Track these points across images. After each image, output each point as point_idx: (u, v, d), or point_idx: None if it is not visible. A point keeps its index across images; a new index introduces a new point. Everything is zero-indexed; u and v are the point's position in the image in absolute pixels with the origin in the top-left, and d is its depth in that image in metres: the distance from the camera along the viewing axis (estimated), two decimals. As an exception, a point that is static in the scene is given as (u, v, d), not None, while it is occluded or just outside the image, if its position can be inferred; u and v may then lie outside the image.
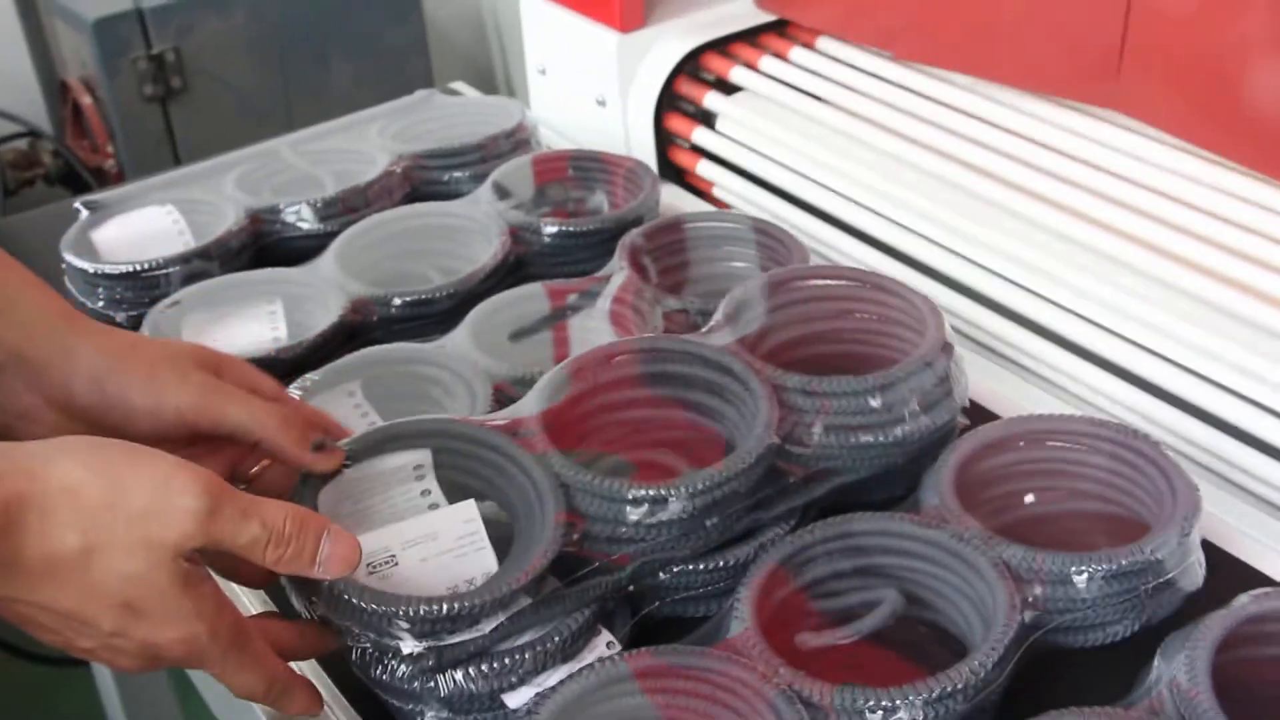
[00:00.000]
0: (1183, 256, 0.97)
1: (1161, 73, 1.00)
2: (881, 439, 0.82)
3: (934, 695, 0.69)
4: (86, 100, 2.18)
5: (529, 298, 1.02)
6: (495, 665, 0.74)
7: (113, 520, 0.65)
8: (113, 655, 0.68)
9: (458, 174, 1.21)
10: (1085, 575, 0.75)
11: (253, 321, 1.05)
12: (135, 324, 1.04)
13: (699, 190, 1.33)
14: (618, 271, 1.02)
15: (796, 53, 1.31)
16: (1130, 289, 0.97)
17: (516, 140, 1.25)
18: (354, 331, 1.03)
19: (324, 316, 1.02)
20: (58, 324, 0.79)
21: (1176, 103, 1.00)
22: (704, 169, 1.30)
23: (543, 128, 1.31)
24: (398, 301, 1.03)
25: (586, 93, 1.37)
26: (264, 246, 1.15)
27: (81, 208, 1.17)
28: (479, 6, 2.04)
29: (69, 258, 1.11)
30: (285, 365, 0.98)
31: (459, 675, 0.74)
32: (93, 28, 2.05)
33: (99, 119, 2.18)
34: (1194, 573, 0.78)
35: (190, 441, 0.79)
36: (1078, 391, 1.01)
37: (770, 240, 1.04)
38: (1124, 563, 0.75)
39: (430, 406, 0.93)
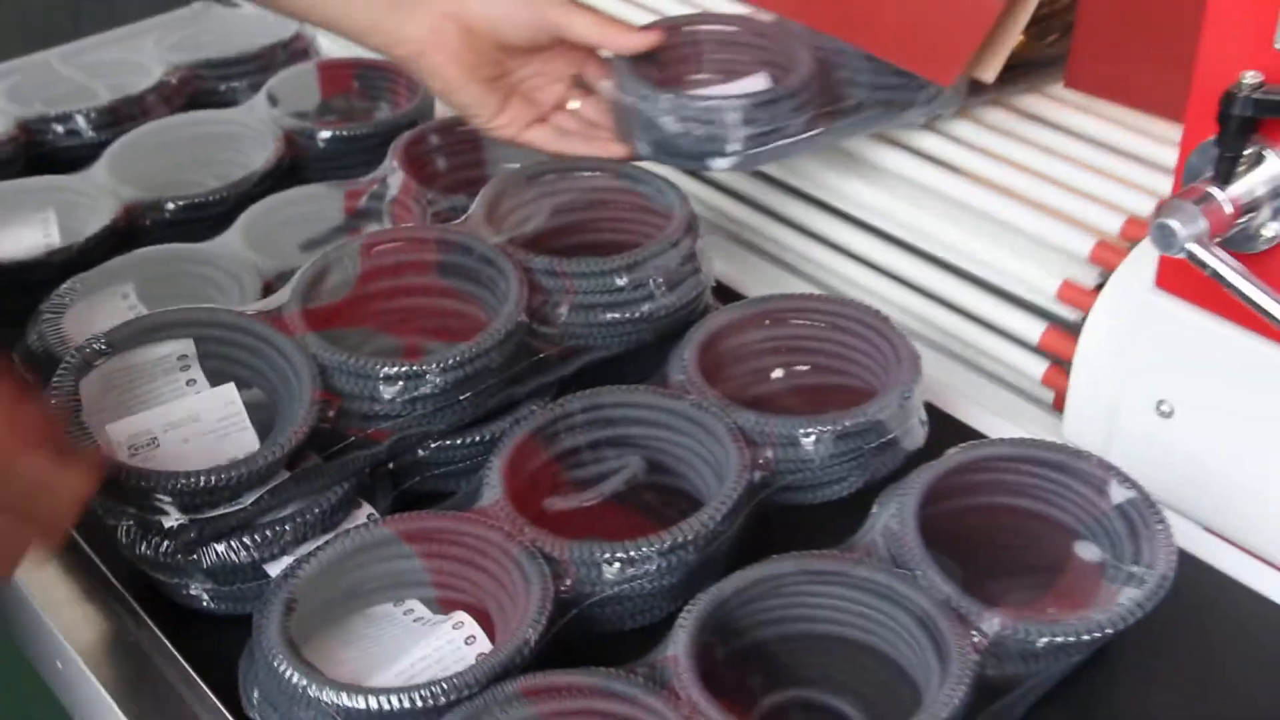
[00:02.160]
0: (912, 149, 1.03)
1: None
2: (628, 315, 0.87)
3: (665, 546, 0.74)
4: None
5: (302, 199, 1.04)
6: (257, 538, 0.77)
7: None
8: None
9: (235, 84, 1.23)
10: (812, 437, 0.81)
11: (24, 227, 1.05)
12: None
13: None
14: (390, 173, 1.04)
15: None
16: (866, 182, 1.03)
17: (293, 50, 1.26)
18: (129, 236, 1.04)
19: (97, 221, 1.03)
20: None
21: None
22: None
23: (322, 38, 1.32)
24: (170, 206, 1.05)
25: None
26: (37, 156, 1.15)
27: None
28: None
29: None
30: (56, 268, 0.99)
31: (221, 548, 0.77)
32: None
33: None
34: (916, 433, 0.85)
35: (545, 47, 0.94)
36: (817, 275, 1.07)
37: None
38: (848, 424, 0.81)
39: (202, 303, 0.95)
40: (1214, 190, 0.75)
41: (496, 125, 0.96)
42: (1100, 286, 0.90)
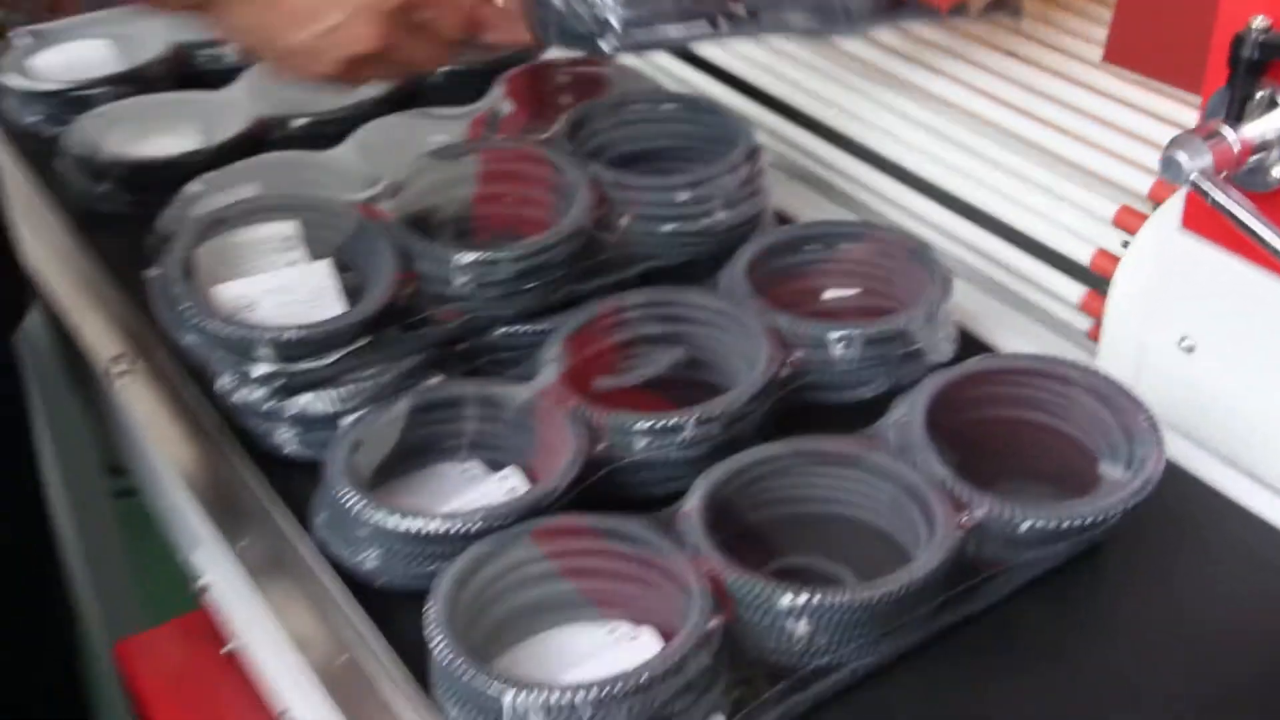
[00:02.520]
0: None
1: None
2: (687, 229, 0.96)
3: (693, 419, 0.82)
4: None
5: (409, 121, 1.14)
6: (337, 392, 0.87)
7: None
8: (358, 25, 0.83)
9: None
10: (840, 340, 0.88)
11: (170, 134, 1.18)
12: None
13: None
14: (499, 102, 1.14)
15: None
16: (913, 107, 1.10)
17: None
18: (258, 145, 1.15)
19: (231, 131, 1.15)
20: None
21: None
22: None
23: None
24: (296, 121, 1.16)
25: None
26: (187, 75, 1.27)
27: (21, 36, 1.29)
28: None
29: (6, 79, 1.23)
30: (194, 168, 1.10)
31: (306, 398, 0.87)
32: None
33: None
34: (942, 347, 0.92)
35: None
36: (866, 200, 1.14)
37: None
38: (874, 331, 0.89)
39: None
40: (1224, 129, 0.80)
41: None
42: (1147, 225, 0.95)
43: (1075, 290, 0.99)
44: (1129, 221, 0.96)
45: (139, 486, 1.00)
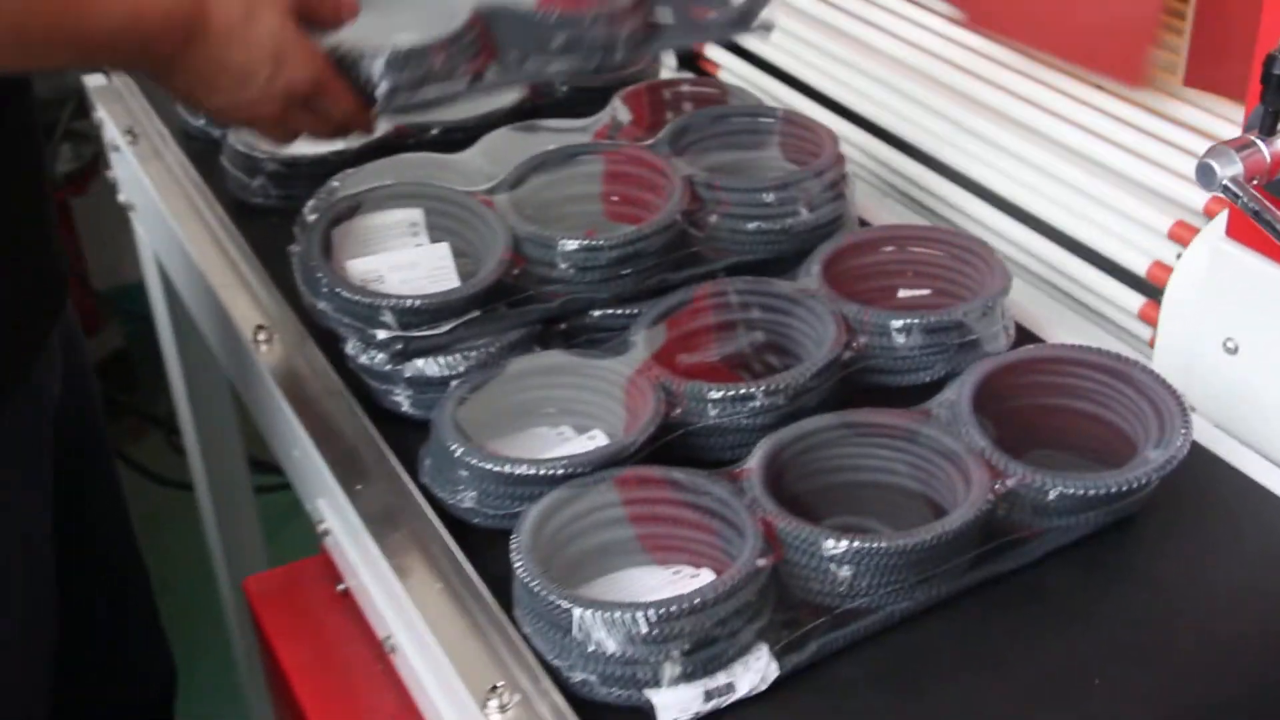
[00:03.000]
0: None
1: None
2: (771, 227, 1.05)
3: (763, 390, 0.92)
4: None
5: (532, 130, 1.25)
6: (449, 358, 0.98)
7: None
8: (263, 105, 0.95)
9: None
10: (902, 328, 0.97)
11: (316, 140, 1.30)
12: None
13: (704, 71, 1.55)
14: (617, 111, 1.24)
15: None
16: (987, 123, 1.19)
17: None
18: (396, 148, 1.27)
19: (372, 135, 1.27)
20: None
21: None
22: (711, 52, 1.53)
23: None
24: (433, 131, 1.28)
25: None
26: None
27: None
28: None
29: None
30: (334, 166, 1.22)
31: (421, 362, 0.98)
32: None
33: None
34: (998, 339, 1.00)
35: None
36: (934, 205, 1.23)
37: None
38: (933, 320, 0.97)
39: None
40: (1258, 140, 0.88)
41: None
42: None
43: (1135, 300, 1.06)
44: (1182, 235, 1.03)
45: (272, 440, 1.12)
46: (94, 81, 1.55)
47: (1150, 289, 1.05)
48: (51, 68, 0.91)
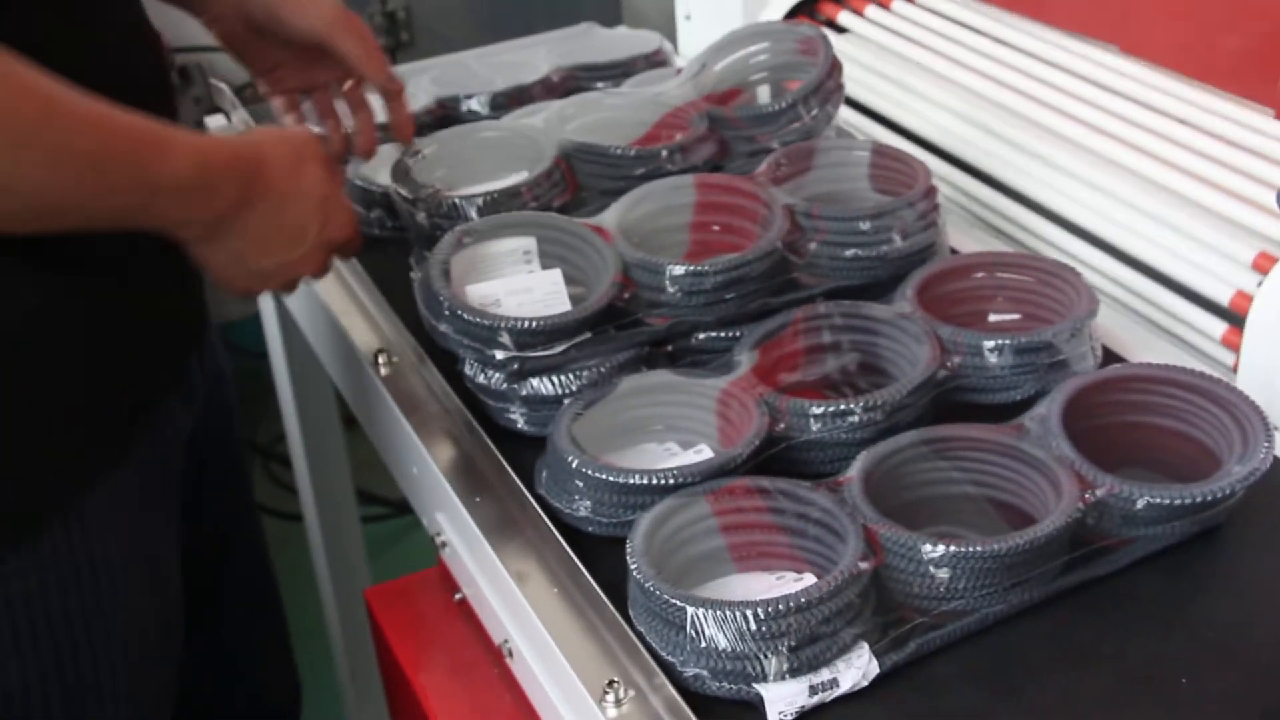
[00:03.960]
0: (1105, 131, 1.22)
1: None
2: (867, 254, 1.10)
3: (862, 406, 0.97)
4: (331, 50, 2.57)
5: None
6: (562, 377, 1.04)
7: (301, 144, 1.00)
8: (311, 256, 1.02)
9: (600, 84, 1.52)
10: (993, 348, 1.02)
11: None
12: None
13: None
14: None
15: (898, 4, 1.59)
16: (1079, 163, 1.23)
17: (653, 62, 1.55)
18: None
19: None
20: None
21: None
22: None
23: (677, 59, 1.61)
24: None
25: (720, 33, 1.66)
26: (450, 123, 1.47)
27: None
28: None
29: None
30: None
31: (536, 381, 1.04)
32: (341, -13, 2.43)
33: (340, 66, 2.57)
34: (1086, 359, 1.04)
35: (316, 55, 1.19)
36: (1021, 237, 1.28)
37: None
38: (1024, 340, 1.02)
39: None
40: (1337, 169, 0.92)
41: (260, 80, 1.26)
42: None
43: (1218, 326, 1.10)
44: (1265, 265, 1.07)
45: (391, 460, 1.19)
46: (214, 123, 1.64)
47: (1233, 317, 1.09)
48: (114, 214, 0.89)
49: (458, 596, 1.10)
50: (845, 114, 1.51)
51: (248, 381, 1.88)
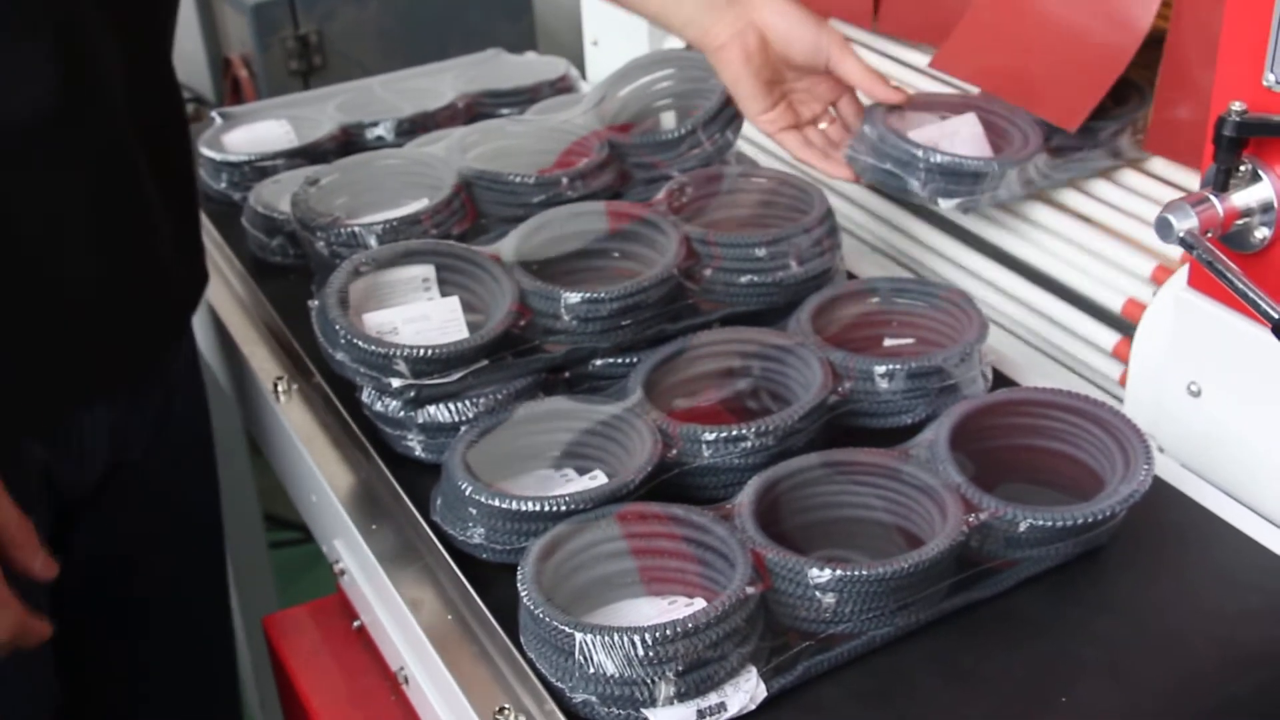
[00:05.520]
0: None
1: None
2: (763, 280, 1.12)
3: (754, 431, 0.98)
4: (243, 74, 2.56)
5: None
6: (459, 405, 1.04)
7: None
8: None
9: (505, 111, 1.53)
10: (884, 374, 1.03)
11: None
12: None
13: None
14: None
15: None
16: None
17: (559, 88, 1.56)
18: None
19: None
20: None
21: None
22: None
23: (584, 85, 1.62)
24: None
25: (627, 58, 1.68)
26: (352, 149, 1.47)
27: (216, 116, 1.51)
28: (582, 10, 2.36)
29: (203, 150, 1.45)
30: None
31: (433, 409, 1.04)
32: (251, 11, 2.42)
33: (253, 90, 2.56)
34: (976, 384, 1.06)
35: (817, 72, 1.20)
36: (919, 254, 1.30)
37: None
38: (914, 366, 1.03)
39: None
40: (1211, 196, 0.94)
41: (761, 119, 1.22)
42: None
43: (1110, 337, 1.13)
44: (1162, 277, 1.10)
45: (290, 486, 1.18)
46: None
47: (1126, 327, 1.12)
48: None
49: (356, 624, 1.10)
50: (745, 141, 1.53)
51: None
